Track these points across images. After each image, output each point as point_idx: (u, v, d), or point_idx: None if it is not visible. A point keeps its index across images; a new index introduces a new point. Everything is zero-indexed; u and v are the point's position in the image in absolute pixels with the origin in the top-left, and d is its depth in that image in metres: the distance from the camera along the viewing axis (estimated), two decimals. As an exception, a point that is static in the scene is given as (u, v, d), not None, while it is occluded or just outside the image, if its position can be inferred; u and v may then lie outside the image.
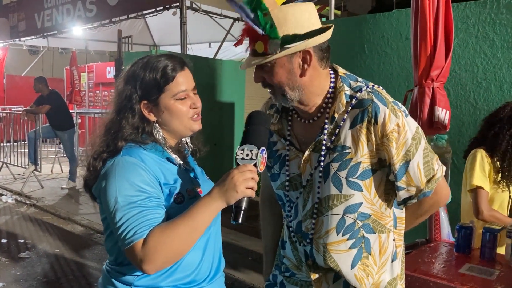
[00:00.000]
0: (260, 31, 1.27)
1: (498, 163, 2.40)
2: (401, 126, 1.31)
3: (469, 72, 3.41)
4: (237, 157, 1.22)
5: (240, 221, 1.20)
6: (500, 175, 2.40)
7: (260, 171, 1.23)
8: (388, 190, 1.40)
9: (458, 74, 3.40)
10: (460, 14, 3.37)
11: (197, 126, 1.38)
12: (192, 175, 1.41)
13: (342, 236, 1.39)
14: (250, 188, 1.20)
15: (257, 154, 1.21)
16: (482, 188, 2.38)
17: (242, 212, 1.20)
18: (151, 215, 1.21)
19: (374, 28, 3.92)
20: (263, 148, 1.23)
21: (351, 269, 1.40)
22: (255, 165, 1.21)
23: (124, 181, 1.22)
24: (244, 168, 1.20)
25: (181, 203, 1.29)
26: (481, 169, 2.39)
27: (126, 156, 1.27)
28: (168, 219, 1.24)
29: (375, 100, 1.33)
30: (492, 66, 3.30)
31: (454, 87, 3.41)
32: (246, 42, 1.37)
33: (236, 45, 1.44)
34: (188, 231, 1.19)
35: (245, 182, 1.18)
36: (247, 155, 1.21)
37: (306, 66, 1.33)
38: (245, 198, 1.20)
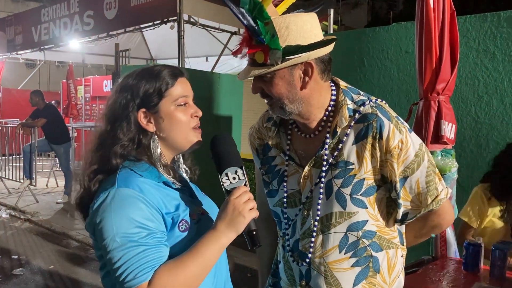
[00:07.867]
0: (261, 40, 1.21)
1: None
2: (404, 142, 1.28)
3: (470, 86, 3.38)
4: (225, 184, 1.17)
5: (260, 244, 1.16)
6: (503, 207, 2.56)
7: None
8: (389, 204, 1.36)
9: (459, 88, 3.37)
10: (460, 27, 3.34)
11: (197, 138, 1.28)
12: (190, 194, 1.32)
13: (345, 254, 1.34)
14: (252, 209, 1.15)
15: (243, 173, 1.18)
16: (463, 220, 2.60)
17: (255, 234, 1.16)
18: (154, 255, 1.10)
19: (374, 42, 3.91)
20: (242, 165, 1.20)
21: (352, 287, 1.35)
22: (245, 184, 1.18)
23: (123, 217, 1.10)
24: (239, 192, 1.16)
25: (186, 230, 1.20)
26: (471, 204, 2.60)
27: (122, 188, 1.14)
28: (172, 249, 1.15)
29: (379, 114, 1.29)
30: (493, 79, 3.28)
31: (455, 100, 3.37)
32: (244, 53, 1.30)
33: (234, 54, 1.33)
34: (198, 270, 1.12)
35: (246, 205, 1.14)
36: (234, 178, 1.17)
37: (307, 78, 1.28)
38: (252, 220, 1.16)
